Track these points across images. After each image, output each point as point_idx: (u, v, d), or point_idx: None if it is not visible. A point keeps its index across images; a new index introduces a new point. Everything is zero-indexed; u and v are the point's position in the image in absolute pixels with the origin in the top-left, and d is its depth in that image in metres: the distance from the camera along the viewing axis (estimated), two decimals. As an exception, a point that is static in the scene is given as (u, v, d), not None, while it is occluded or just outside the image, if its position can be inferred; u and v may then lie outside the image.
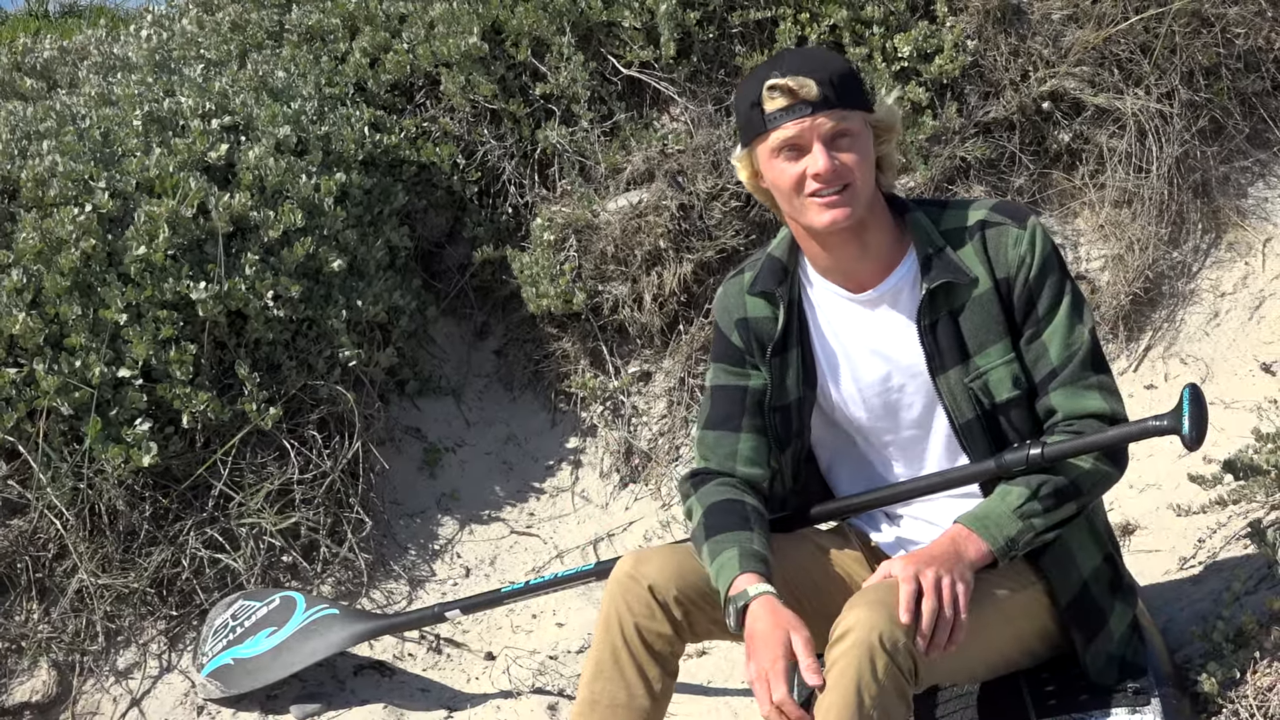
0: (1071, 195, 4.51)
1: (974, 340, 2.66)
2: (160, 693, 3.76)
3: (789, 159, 2.59)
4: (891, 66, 4.42)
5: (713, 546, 2.64)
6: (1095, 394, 2.63)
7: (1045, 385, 2.65)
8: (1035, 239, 2.64)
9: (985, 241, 2.66)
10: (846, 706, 2.36)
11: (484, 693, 3.72)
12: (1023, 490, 2.58)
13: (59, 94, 4.75)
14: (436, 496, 4.38)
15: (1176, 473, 3.75)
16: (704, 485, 2.79)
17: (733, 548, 2.61)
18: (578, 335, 4.60)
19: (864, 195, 2.61)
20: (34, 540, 3.83)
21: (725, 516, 2.69)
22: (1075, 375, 2.63)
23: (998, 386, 2.65)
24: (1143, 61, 4.44)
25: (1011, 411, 2.66)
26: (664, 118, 4.70)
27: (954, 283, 2.64)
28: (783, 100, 2.56)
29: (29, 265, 3.88)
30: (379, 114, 4.66)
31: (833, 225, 2.59)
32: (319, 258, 4.18)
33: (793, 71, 2.56)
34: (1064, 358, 2.63)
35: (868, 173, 2.61)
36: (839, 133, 2.57)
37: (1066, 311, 2.64)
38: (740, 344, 2.81)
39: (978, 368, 2.66)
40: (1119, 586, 2.77)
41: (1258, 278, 4.37)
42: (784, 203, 2.66)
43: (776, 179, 2.62)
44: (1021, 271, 2.64)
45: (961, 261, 2.65)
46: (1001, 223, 2.66)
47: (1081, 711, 2.68)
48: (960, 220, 2.69)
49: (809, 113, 2.55)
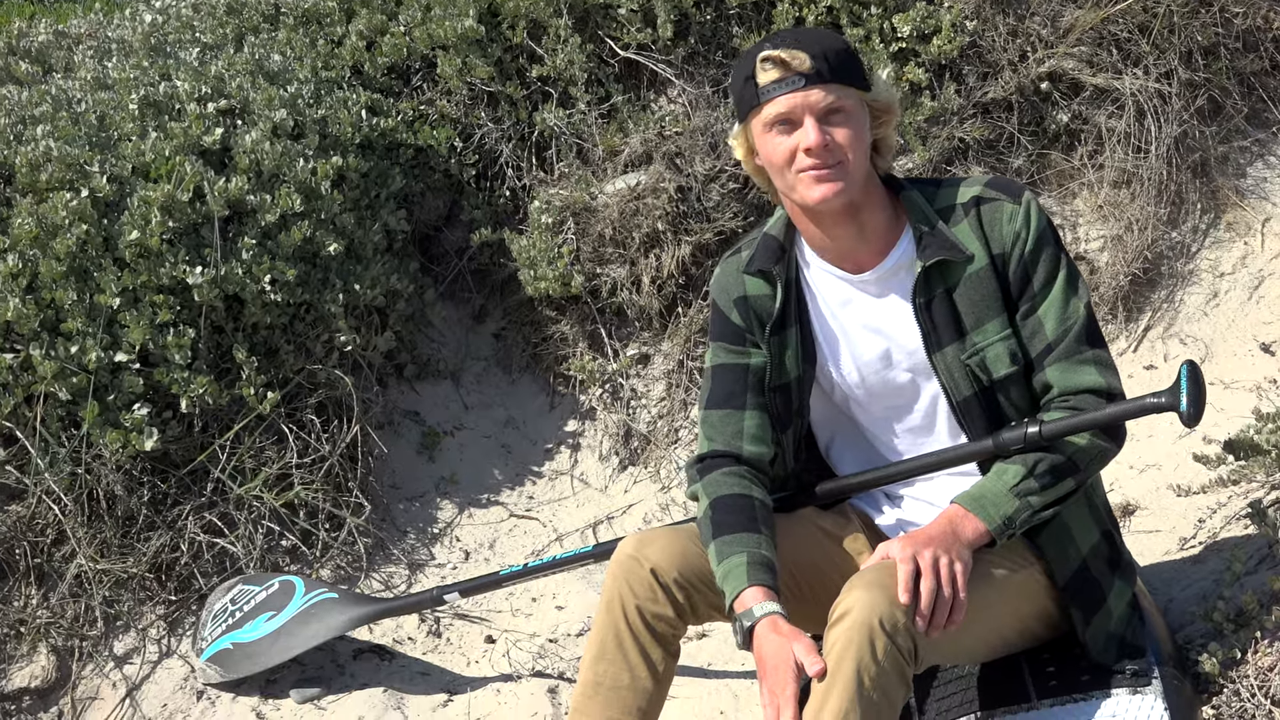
0: (1070, 176, 4.50)
1: (970, 317, 2.65)
2: (159, 677, 3.76)
3: (781, 133, 2.58)
4: (889, 47, 4.40)
5: (720, 547, 2.64)
6: (1091, 368, 2.63)
7: (1041, 360, 2.64)
8: (1030, 214, 2.64)
9: (980, 217, 2.65)
10: (846, 688, 2.37)
11: (484, 676, 3.72)
12: (1019, 469, 2.58)
13: (54, 78, 4.73)
14: (435, 480, 4.37)
15: (1177, 453, 3.75)
16: (711, 472, 2.77)
17: (741, 554, 2.61)
18: (576, 318, 4.59)
19: (857, 174, 2.59)
20: (32, 525, 3.83)
21: (733, 515, 2.68)
22: (1071, 350, 2.63)
23: (995, 363, 2.65)
24: (1141, 41, 4.42)
25: (1010, 388, 2.66)
26: (661, 100, 4.69)
27: (949, 260, 2.64)
28: (775, 72, 2.55)
29: (24, 250, 3.87)
30: (376, 97, 4.64)
31: (823, 201, 2.58)
32: (316, 241, 4.17)
33: (787, 45, 2.55)
34: (1059, 332, 2.63)
35: (862, 152, 2.60)
36: (832, 108, 2.55)
37: (1062, 286, 2.64)
38: (740, 322, 2.80)
39: (975, 344, 2.65)
40: (1118, 564, 2.77)
41: (1257, 258, 4.36)
42: (777, 178, 2.65)
43: (769, 154, 2.61)
44: (1017, 246, 2.63)
45: (956, 238, 2.65)
46: (996, 198, 2.66)
47: (1082, 692, 2.69)
48: (954, 197, 2.69)
49: (801, 85, 2.54)
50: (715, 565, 2.63)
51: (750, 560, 2.59)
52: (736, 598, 2.56)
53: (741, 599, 2.56)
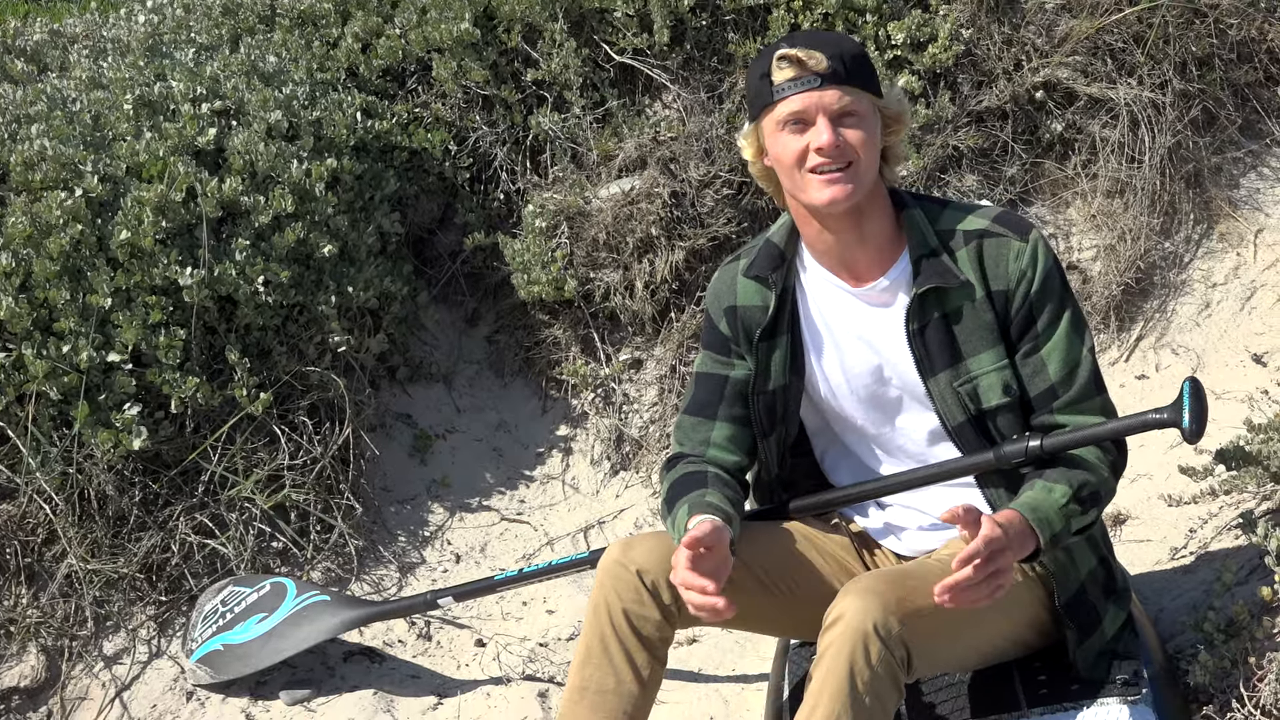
0: (1064, 185, 4.51)
1: (967, 344, 2.65)
2: (149, 678, 3.75)
3: (794, 132, 2.58)
4: (884, 55, 4.41)
5: (674, 514, 2.67)
6: (1100, 418, 2.64)
7: (1046, 404, 2.64)
8: (1038, 253, 2.63)
9: (982, 250, 2.64)
10: (840, 692, 2.37)
11: (474, 679, 3.72)
12: (1065, 489, 2.55)
13: (49, 77, 4.72)
14: (427, 483, 4.37)
15: (1168, 463, 3.76)
16: (674, 467, 2.82)
17: (685, 505, 2.65)
18: (569, 322, 4.59)
19: (866, 178, 2.59)
20: (23, 525, 3.82)
21: (684, 486, 2.73)
22: (1080, 396, 2.63)
23: (987, 392, 2.64)
24: (1136, 51, 4.44)
25: (999, 417, 2.65)
26: (656, 105, 4.69)
27: (943, 287, 2.63)
28: (791, 71, 2.56)
29: (18, 249, 3.86)
30: (370, 99, 4.64)
31: (832, 203, 2.57)
32: (310, 243, 4.16)
33: (804, 44, 2.55)
34: (1064, 376, 2.62)
35: (872, 156, 2.60)
36: (846, 111, 2.56)
37: (1066, 329, 2.63)
38: (727, 332, 2.81)
39: (968, 372, 2.65)
40: (1112, 590, 2.76)
41: (1249, 268, 4.37)
42: (785, 178, 2.64)
43: (780, 153, 2.61)
44: (1022, 285, 2.62)
45: (954, 265, 2.64)
46: (1002, 234, 2.64)
47: (1073, 701, 2.69)
48: (958, 222, 2.67)
49: (817, 84, 2.54)
50: (671, 531, 2.66)
51: (693, 504, 2.63)
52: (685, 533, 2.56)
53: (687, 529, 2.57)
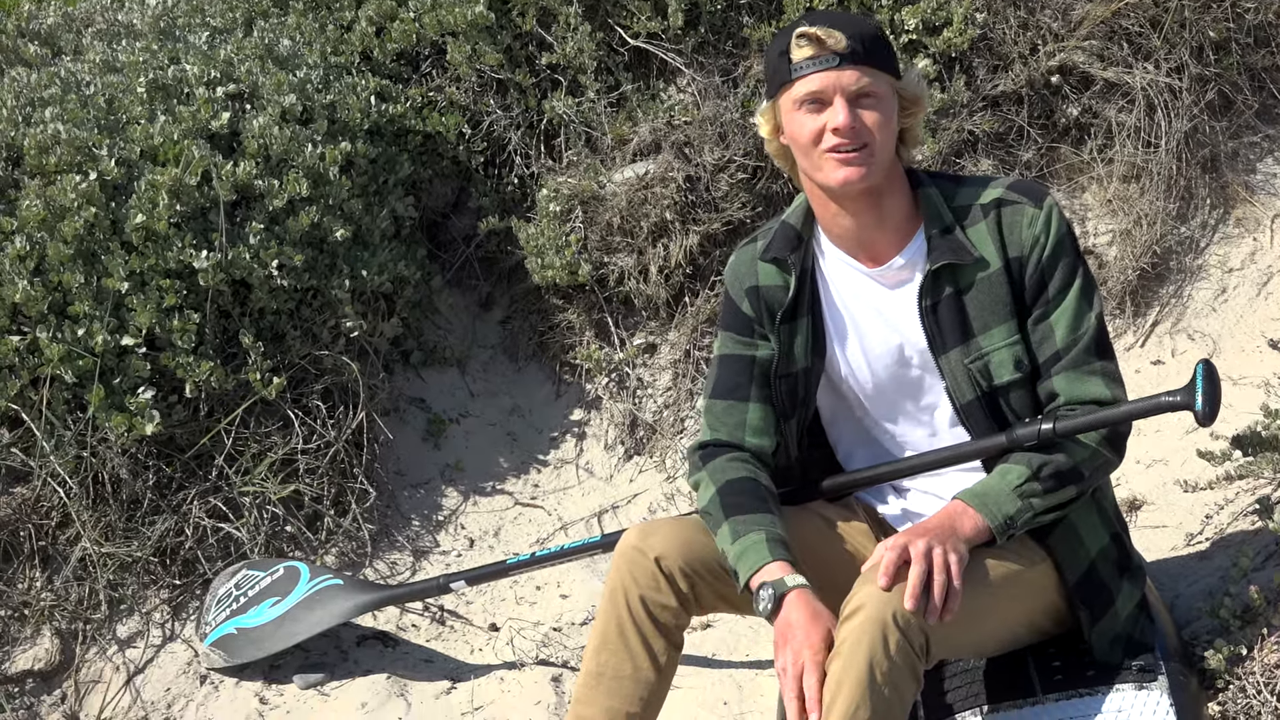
0: (1079, 170, 4.49)
1: (979, 320, 2.64)
2: (163, 661, 3.76)
3: (811, 111, 2.57)
4: (900, 39, 4.39)
5: (734, 527, 2.63)
6: (1098, 379, 2.62)
7: (1049, 367, 2.64)
8: (1051, 219, 2.63)
9: (1000, 219, 2.64)
10: (859, 682, 2.36)
11: (488, 664, 3.72)
12: (1023, 469, 2.57)
13: (63, 60, 4.72)
14: (440, 467, 4.37)
15: (1184, 449, 3.74)
16: (714, 459, 2.77)
17: (759, 531, 2.61)
18: (583, 307, 4.58)
19: (882, 160, 2.59)
20: (37, 508, 3.83)
21: (744, 497, 2.68)
22: (1079, 360, 2.62)
23: (999, 369, 2.64)
24: (1152, 36, 4.41)
25: (1011, 394, 2.65)
26: (671, 89, 4.68)
27: (958, 263, 2.63)
28: (810, 49, 2.55)
29: (32, 233, 3.87)
30: (385, 83, 4.63)
31: (846, 184, 2.57)
32: (324, 227, 4.16)
33: (823, 23, 2.55)
34: (1069, 341, 2.62)
35: (888, 138, 2.59)
36: (863, 91, 2.55)
37: (1076, 295, 2.63)
38: (750, 313, 2.80)
39: (980, 348, 2.64)
40: (1127, 567, 2.76)
41: (1266, 254, 4.35)
42: (801, 157, 2.64)
43: (796, 132, 2.60)
44: (1035, 251, 2.62)
45: (969, 240, 2.64)
46: (1018, 201, 2.65)
47: (1088, 687, 2.69)
48: (974, 197, 2.67)
49: (835, 64, 2.54)
50: (729, 545, 2.62)
51: (769, 537, 2.60)
52: (759, 570, 2.56)
53: (767, 570, 2.55)
